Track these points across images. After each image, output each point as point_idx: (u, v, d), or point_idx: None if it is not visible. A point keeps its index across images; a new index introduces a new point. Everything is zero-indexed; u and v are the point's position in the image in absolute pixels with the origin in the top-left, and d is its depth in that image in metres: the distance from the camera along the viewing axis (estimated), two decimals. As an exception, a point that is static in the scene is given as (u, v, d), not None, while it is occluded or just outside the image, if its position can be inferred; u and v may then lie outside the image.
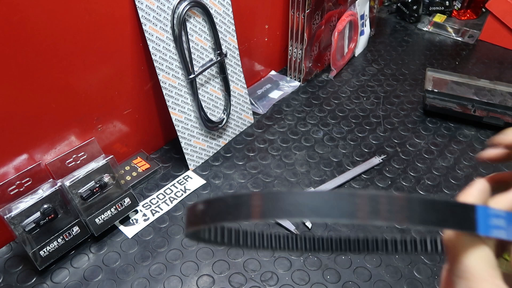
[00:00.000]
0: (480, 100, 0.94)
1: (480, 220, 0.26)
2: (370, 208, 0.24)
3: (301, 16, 0.93)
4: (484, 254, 0.27)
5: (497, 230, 0.26)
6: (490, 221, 0.26)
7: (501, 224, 0.26)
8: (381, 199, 0.24)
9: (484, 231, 0.26)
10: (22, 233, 0.59)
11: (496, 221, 0.26)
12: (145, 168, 0.79)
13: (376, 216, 0.24)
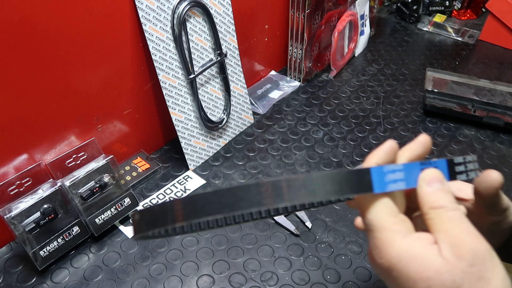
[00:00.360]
0: (480, 100, 0.94)
1: (375, 180, 0.29)
2: (274, 193, 0.26)
3: (301, 16, 0.93)
4: (382, 206, 0.30)
5: (395, 184, 0.29)
6: (386, 178, 0.29)
7: (399, 177, 0.29)
8: (282, 183, 0.27)
9: (380, 189, 0.29)
10: (22, 233, 0.59)
11: (392, 176, 0.29)
12: (145, 168, 0.79)
13: (281, 199, 0.26)
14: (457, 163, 0.32)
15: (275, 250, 0.67)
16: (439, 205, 0.29)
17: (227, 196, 0.27)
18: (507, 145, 0.88)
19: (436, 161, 0.32)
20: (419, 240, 0.29)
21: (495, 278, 0.28)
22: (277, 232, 0.69)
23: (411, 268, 0.28)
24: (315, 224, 0.70)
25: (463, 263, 0.28)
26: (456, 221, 0.29)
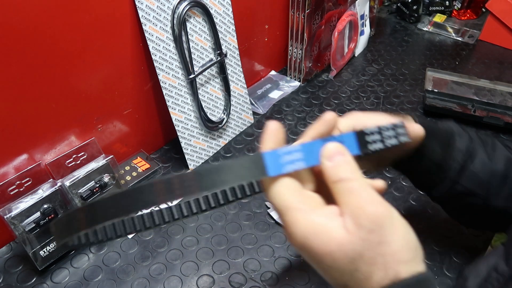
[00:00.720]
0: (480, 100, 0.94)
1: (269, 163, 0.29)
2: (166, 190, 0.27)
3: (301, 16, 0.93)
4: (282, 187, 0.30)
5: (293, 164, 0.30)
6: (281, 160, 0.29)
7: (297, 157, 0.30)
8: (174, 180, 0.28)
9: (275, 171, 0.29)
10: (22, 233, 0.59)
11: (289, 157, 0.30)
12: (145, 168, 0.79)
13: (172, 195, 0.27)
14: (368, 133, 0.33)
15: (275, 250, 0.67)
16: (341, 178, 0.30)
17: (123, 199, 0.27)
18: (507, 145, 0.88)
19: (342, 135, 0.32)
20: (323, 215, 0.30)
21: (395, 240, 0.29)
22: (277, 232, 0.69)
23: (316, 244, 0.29)
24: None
25: (363, 231, 0.28)
26: (357, 191, 0.29)
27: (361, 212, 0.29)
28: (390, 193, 0.77)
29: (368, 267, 0.29)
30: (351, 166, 0.30)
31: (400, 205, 0.74)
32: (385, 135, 0.33)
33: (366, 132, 0.33)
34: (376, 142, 0.33)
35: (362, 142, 0.32)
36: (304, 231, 0.29)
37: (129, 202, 0.27)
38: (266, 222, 0.71)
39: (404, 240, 0.30)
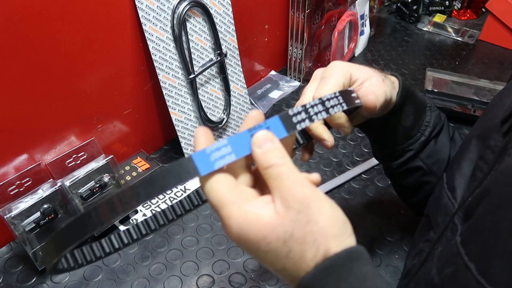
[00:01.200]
0: (480, 100, 0.94)
1: (199, 163, 0.30)
2: (109, 210, 0.29)
3: (301, 16, 0.93)
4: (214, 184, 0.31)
5: (223, 159, 0.31)
6: (211, 158, 0.31)
7: (227, 151, 0.31)
8: (114, 199, 0.30)
9: (207, 170, 0.31)
10: (22, 233, 0.59)
11: (218, 154, 0.31)
12: (145, 168, 0.79)
13: (115, 213, 0.29)
14: (293, 114, 0.33)
15: (275, 250, 0.67)
16: (269, 164, 0.31)
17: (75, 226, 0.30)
18: (507, 145, 0.88)
19: (267, 120, 0.33)
20: (255, 204, 0.31)
21: (322, 217, 0.30)
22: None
23: (250, 232, 0.30)
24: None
25: (291, 213, 0.30)
26: (285, 175, 0.31)
27: (289, 194, 0.30)
28: (390, 193, 0.77)
29: (300, 246, 0.30)
30: (280, 151, 0.31)
31: (400, 204, 0.74)
32: (312, 112, 0.34)
33: (290, 113, 0.33)
34: (303, 120, 0.34)
35: (289, 124, 0.33)
36: (239, 222, 0.30)
37: (80, 228, 0.30)
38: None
39: (330, 217, 0.31)
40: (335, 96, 0.36)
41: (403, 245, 0.68)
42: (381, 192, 0.77)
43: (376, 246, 0.68)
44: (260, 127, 0.32)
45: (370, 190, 0.77)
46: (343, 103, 0.36)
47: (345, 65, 0.45)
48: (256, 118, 0.34)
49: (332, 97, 0.36)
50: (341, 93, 0.37)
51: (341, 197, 0.76)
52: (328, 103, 0.35)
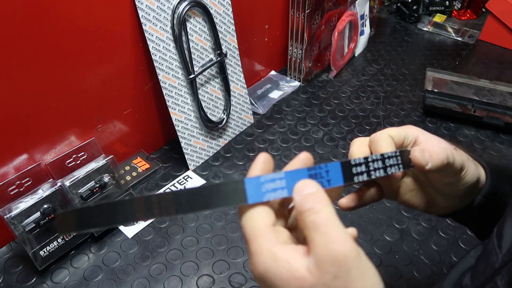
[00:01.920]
0: (480, 100, 0.94)
1: (250, 190, 0.29)
2: (145, 208, 0.28)
3: (301, 16, 0.93)
4: (256, 215, 0.29)
5: (275, 192, 0.29)
6: (263, 188, 0.29)
7: (280, 185, 0.29)
8: (153, 198, 0.28)
9: (255, 199, 0.29)
10: (22, 233, 0.59)
11: (271, 185, 0.29)
12: (145, 168, 0.79)
13: (150, 213, 0.28)
14: (355, 164, 0.32)
15: (275, 250, 0.67)
16: (305, 209, 0.28)
17: (107, 210, 0.29)
18: (507, 145, 0.88)
19: (328, 164, 0.31)
20: (289, 250, 0.28)
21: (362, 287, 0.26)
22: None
23: (276, 278, 0.27)
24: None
25: (327, 276, 0.26)
26: (320, 226, 0.27)
27: (325, 252, 0.26)
28: (390, 193, 0.76)
29: None
30: (320, 197, 0.28)
31: (400, 205, 0.74)
32: (372, 167, 0.33)
33: (352, 163, 0.32)
34: (362, 173, 0.32)
35: (347, 173, 0.32)
36: (266, 262, 0.27)
37: (111, 214, 0.29)
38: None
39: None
40: (395, 156, 0.35)
41: (403, 245, 0.68)
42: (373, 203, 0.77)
43: (376, 246, 0.68)
44: (320, 168, 0.31)
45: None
46: (400, 164, 0.35)
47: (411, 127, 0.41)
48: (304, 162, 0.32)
49: (392, 155, 0.34)
50: (401, 152, 0.35)
51: (341, 197, 0.75)
52: (388, 162, 0.34)
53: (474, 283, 0.39)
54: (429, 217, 0.72)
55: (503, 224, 0.38)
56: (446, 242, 0.68)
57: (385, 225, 0.71)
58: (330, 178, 0.31)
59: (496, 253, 0.37)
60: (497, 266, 0.36)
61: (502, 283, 0.34)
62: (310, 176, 0.30)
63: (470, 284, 0.40)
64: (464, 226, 0.65)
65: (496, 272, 0.36)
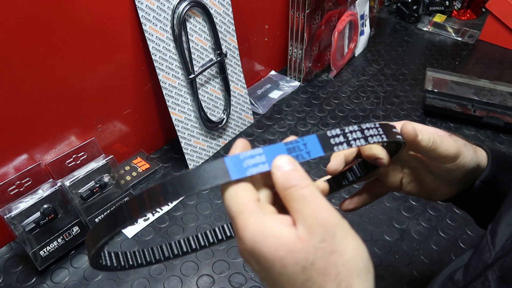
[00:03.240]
0: (480, 100, 0.94)
1: (231, 167, 0.30)
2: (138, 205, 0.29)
3: (301, 16, 0.93)
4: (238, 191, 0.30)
5: (256, 167, 0.30)
6: (243, 164, 0.30)
7: (261, 160, 0.30)
8: (143, 194, 0.29)
9: (238, 175, 0.30)
10: (22, 233, 0.59)
11: (251, 161, 0.30)
12: (145, 168, 0.79)
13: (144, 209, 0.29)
14: (332, 136, 0.33)
15: (275, 250, 0.67)
16: (291, 184, 0.29)
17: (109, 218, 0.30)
18: (507, 145, 0.88)
19: (304, 137, 0.32)
20: (275, 220, 0.29)
21: (347, 250, 0.29)
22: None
23: (266, 248, 0.28)
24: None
25: (315, 239, 0.28)
26: (308, 198, 0.29)
27: (314, 219, 0.28)
28: (390, 194, 0.76)
29: (321, 277, 0.28)
30: (300, 173, 0.30)
31: (400, 205, 0.74)
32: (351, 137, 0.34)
33: (329, 135, 0.33)
34: (341, 143, 0.33)
35: (326, 144, 0.33)
36: (254, 234, 0.28)
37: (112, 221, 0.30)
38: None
39: (356, 251, 0.29)
40: (375, 127, 0.35)
41: (403, 246, 0.68)
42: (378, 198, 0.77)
43: (376, 246, 0.68)
44: (297, 142, 0.31)
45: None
46: (382, 134, 0.35)
47: None
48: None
49: (371, 126, 0.35)
50: (381, 125, 0.36)
51: (341, 197, 0.76)
52: (367, 132, 0.34)
53: (465, 278, 0.40)
54: (429, 217, 0.72)
55: (498, 222, 0.39)
56: (446, 242, 0.68)
57: (385, 225, 0.71)
58: (309, 150, 0.32)
59: (489, 249, 0.38)
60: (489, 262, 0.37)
61: (493, 277, 0.35)
62: (288, 150, 0.31)
63: (462, 279, 0.41)
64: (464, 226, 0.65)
65: (487, 267, 0.36)
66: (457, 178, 0.43)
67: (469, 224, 0.71)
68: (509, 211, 0.39)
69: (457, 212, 0.73)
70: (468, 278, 0.40)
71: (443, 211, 0.73)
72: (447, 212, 0.73)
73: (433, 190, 0.45)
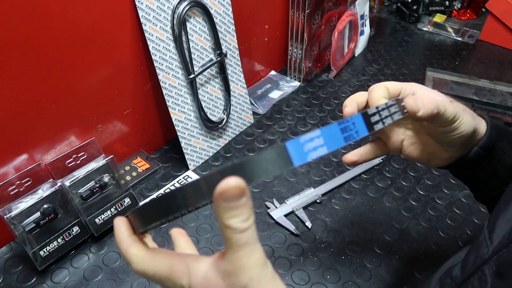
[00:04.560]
0: (480, 100, 0.94)
1: (293, 153, 0.29)
2: (194, 193, 0.28)
3: (301, 16, 0.93)
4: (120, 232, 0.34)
5: (316, 151, 0.30)
6: (304, 149, 0.29)
7: (319, 143, 0.30)
8: (200, 181, 0.28)
9: (301, 161, 0.29)
10: (22, 233, 0.59)
11: (311, 144, 0.30)
12: (145, 168, 0.79)
13: (201, 198, 0.28)
14: (371, 114, 0.35)
15: (275, 250, 0.67)
16: (229, 225, 0.28)
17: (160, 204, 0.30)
18: (507, 145, 0.88)
19: (352, 117, 0.33)
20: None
21: None
22: (277, 232, 0.69)
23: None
24: (315, 224, 0.70)
25: (237, 285, 0.29)
26: (239, 247, 0.28)
27: (239, 268, 0.29)
28: (390, 193, 0.77)
29: None
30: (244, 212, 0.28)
31: (400, 205, 0.74)
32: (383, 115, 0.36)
33: (369, 113, 0.34)
34: (378, 122, 0.35)
35: (368, 123, 0.34)
36: None
37: (165, 206, 0.30)
38: (266, 222, 0.71)
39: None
40: (395, 104, 0.38)
41: (403, 246, 0.68)
42: (381, 192, 0.77)
43: (376, 246, 0.68)
44: (347, 121, 0.32)
45: (370, 190, 0.77)
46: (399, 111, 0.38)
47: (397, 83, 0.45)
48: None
49: (393, 103, 0.38)
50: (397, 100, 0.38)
51: (341, 197, 0.76)
52: (392, 109, 0.37)
53: (463, 273, 0.41)
54: (429, 217, 0.72)
55: (496, 218, 0.39)
56: (446, 242, 0.68)
57: (385, 225, 0.71)
58: (357, 130, 0.33)
59: (486, 245, 0.38)
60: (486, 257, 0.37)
61: (490, 272, 0.35)
62: (341, 130, 0.32)
63: (460, 275, 0.41)
64: (464, 226, 0.65)
65: (484, 262, 0.37)
66: (454, 142, 0.44)
67: (469, 224, 0.71)
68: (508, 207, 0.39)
69: (457, 212, 0.73)
70: (466, 274, 0.40)
71: (443, 211, 0.74)
72: (447, 212, 0.73)
73: (431, 154, 0.47)
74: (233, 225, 0.28)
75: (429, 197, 0.76)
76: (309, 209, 0.73)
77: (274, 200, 0.74)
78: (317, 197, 0.74)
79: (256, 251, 0.29)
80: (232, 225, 0.28)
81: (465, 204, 0.75)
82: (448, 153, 0.46)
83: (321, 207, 0.74)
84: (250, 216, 0.28)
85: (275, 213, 0.71)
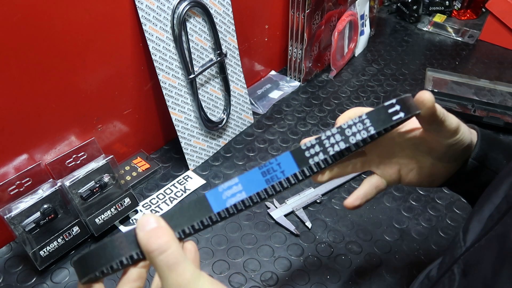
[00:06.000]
0: (480, 100, 0.94)
1: (212, 201, 0.32)
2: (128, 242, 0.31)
3: (301, 16, 0.93)
4: None
5: (234, 197, 0.32)
6: (223, 196, 0.32)
7: (238, 189, 0.32)
8: (133, 231, 0.30)
9: (219, 207, 0.32)
10: (22, 233, 0.59)
11: (230, 192, 0.32)
12: (145, 168, 0.79)
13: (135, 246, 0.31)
14: (306, 148, 0.33)
15: (275, 250, 0.67)
16: (152, 248, 0.29)
17: (99, 253, 0.33)
18: (507, 145, 0.88)
19: (277, 157, 0.33)
20: None
21: None
22: (277, 232, 0.69)
23: None
24: (315, 224, 0.70)
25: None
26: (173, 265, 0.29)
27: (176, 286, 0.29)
28: (390, 193, 0.77)
29: None
30: (163, 233, 0.30)
31: (400, 205, 0.74)
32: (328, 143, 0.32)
33: (302, 147, 0.33)
34: (317, 154, 0.33)
35: (300, 158, 0.33)
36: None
37: (102, 257, 0.33)
38: (266, 222, 0.71)
39: None
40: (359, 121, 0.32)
41: (403, 246, 0.68)
42: (381, 192, 0.77)
43: (376, 246, 0.68)
44: (271, 163, 0.32)
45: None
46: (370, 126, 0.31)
47: None
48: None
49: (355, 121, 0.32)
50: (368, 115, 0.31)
51: (341, 197, 0.76)
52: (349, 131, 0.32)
53: (438, 273, 0.42)
54: (429, 217, 0.72)
55: (470, 220, 0.40)
56: (446, 242, 0.68)
57: (385, 225, 0.71)
58: (283, 169, 0.32)
59: (460, 246, 0.39)
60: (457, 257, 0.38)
61: (458, 271, 0.36)
62: (262, 173, 0.32)
63: (436, 275, 0.42)
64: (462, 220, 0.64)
65: (454, 261, 0.38)
66: (456, 155, 0.43)
67: (469, 224, 0.71)
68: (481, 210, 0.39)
69: (457, 212, 0.73)
70: (439, 274, 0.41)
71: (443, 211, 0.74)
72: (447, 212, 0.73)
73: (433, 174, 0.46)
74: (154, 247, 0.29)
75: (429, 197, 0.76)
76: (309, 209, 0.73)
77: (274, 200, 0.74)
78: (317, 197, 0.74)
79: (188, 267, 0.30)
80: (153, 247, 0.29)
81: (465, 204, 0.75)
82: (447, 169, 0.45)
83: (321, 207, 0.74)
84: (171, 239, 0.30)
85: (275, 213, 0.71)
